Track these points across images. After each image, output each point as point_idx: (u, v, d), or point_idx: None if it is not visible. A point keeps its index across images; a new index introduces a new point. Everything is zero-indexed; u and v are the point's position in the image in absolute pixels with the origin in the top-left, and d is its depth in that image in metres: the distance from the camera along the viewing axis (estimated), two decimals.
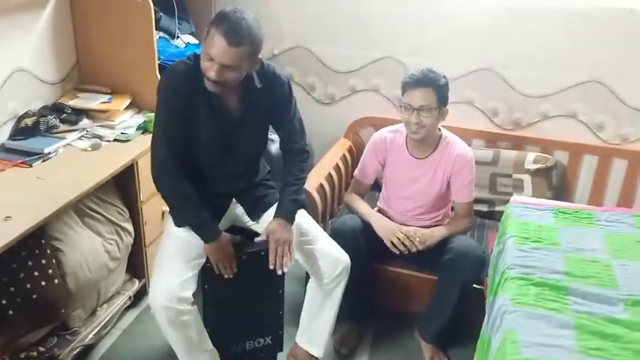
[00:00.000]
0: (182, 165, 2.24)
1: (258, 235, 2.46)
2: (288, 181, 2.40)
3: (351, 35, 3.42)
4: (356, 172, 2.89)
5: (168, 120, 2.21)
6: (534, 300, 1.97)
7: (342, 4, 3.37)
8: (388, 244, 2.66)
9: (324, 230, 2.56)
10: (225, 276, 2.31)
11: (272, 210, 2.42)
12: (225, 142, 2.29)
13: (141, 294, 2.95)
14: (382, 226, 2.70)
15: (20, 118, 2.71)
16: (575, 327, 1.86)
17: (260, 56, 2.17)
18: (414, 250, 2.63)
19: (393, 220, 2.76)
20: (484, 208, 3.26)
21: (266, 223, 2.38)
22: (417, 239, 2.63)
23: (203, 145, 2.28)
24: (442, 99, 2.57)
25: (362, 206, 2.80)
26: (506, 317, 1.91)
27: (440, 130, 2.71)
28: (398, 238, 2.63)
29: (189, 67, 2.18)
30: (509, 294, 2.02)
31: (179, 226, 2.30)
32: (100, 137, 2.79)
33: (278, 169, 2.72)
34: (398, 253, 2.66)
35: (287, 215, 2.34)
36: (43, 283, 2.40)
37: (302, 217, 2.45)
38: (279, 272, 2.30)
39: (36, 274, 2.39)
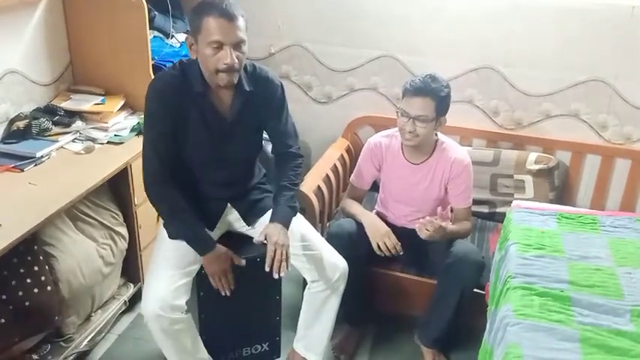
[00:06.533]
0: (175, 172, 2.21)
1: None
2: (284, 186, 2.37)
3: (349, 33, 3.36)
4: (352, 177, 2.84)
5: (158, 132, 2.17)
6: (538, 311, 1.93)
7: (339, 2, 3.31)
8: (374, 245, 2.60)
9: (322, 233, 2.51)
10: (222, 293, 2.26)
11: (268, 215, 2.37)
12: (218, 146, 2.26)
13: (136, 298, 2.90)
14: (372, 227, 2.64)
15: (12, 121, 2.66)
16: (581, 340, 1.82)
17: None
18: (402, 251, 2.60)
19: (391, 224, 2.71)
20: (485, 209, 3.21)
21: (262, 227, 2.33)
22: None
23: (196, 150, 2.24)
24: (441, 109, 2.50)
25: (355, 208, 2.75)
26: (509, 330, 1.87)
27: (436, 134, 2.65)
28: (385, 244, 2.58)
29: (175, 77, 2.17)
30: (512, 304, 1.98)
31: (173, 239, 2.26)
32: (94, 140, 2.74)
33: (274, 171, 2.68)
34: (383, 256, 2.61)
35: (284, 221, 2.30)
36: (35, 290, 2.35)
37: (299, 222, 2.41)
38: (276, 276, 2.24)
39: (28, 281, 2.34)
